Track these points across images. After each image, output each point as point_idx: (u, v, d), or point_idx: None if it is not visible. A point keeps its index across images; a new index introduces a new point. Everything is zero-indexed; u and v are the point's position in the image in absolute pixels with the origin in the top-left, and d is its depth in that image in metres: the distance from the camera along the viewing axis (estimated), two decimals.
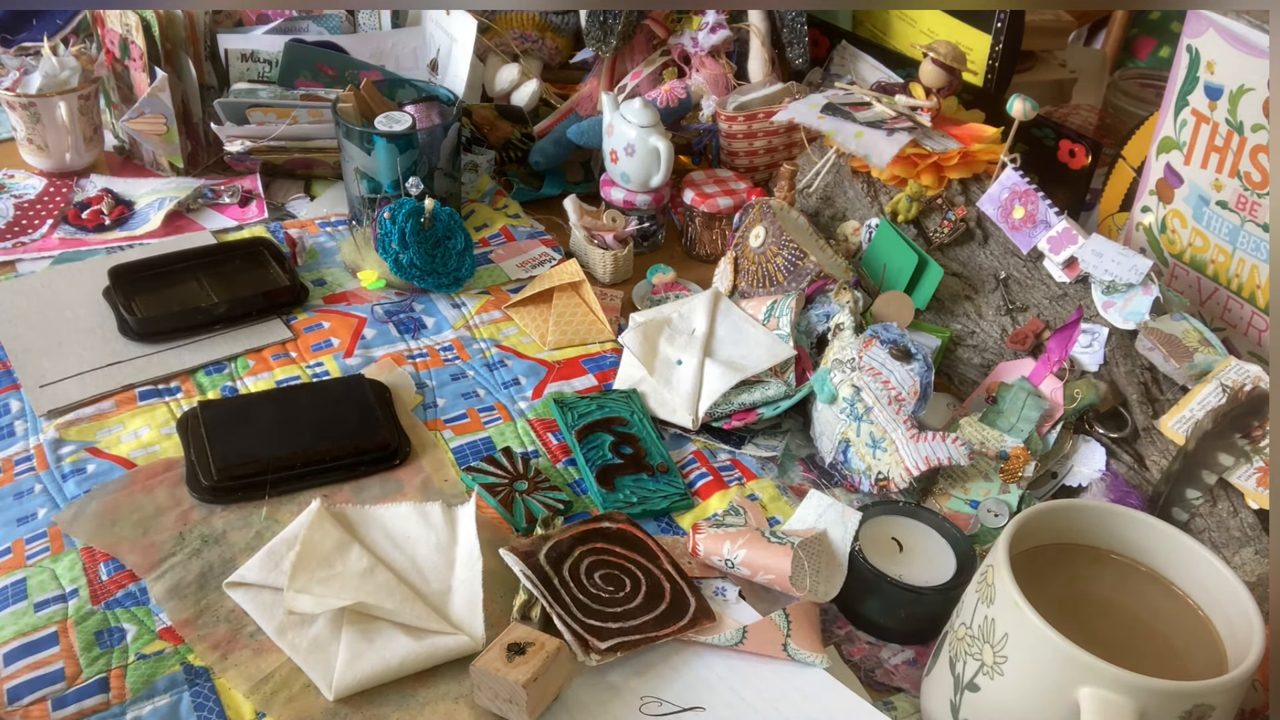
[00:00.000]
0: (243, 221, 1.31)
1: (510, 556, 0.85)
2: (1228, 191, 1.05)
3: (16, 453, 0.97)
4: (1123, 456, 0.98)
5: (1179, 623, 0.71)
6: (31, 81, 1.31)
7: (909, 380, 0.96)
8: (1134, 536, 0.73)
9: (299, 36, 1.45)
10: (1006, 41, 1.38)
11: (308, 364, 1.10)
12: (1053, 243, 1.07)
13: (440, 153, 1.26)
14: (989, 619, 0.68)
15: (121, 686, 0.77)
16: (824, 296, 1.09)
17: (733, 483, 0.99)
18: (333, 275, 1.24)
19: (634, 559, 0.87)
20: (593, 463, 0.98)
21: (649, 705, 0.78)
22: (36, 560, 0.86)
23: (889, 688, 0.82)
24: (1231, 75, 1.03)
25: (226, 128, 1.33)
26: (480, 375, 1.11)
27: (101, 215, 1.29)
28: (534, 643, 0.76)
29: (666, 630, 0.81)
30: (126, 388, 1.04)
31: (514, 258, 1.29)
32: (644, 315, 1.13)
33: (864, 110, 1.21)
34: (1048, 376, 1.01)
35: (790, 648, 0.81)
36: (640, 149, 1.25)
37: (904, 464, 0.93)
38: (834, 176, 1.27)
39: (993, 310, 1.11)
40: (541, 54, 1.57)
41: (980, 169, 1.17)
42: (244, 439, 0.96)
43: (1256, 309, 1.06)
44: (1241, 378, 0.92)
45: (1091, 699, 0.62)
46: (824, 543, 0.87)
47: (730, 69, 1.44)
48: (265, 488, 0.92)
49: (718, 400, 1.03)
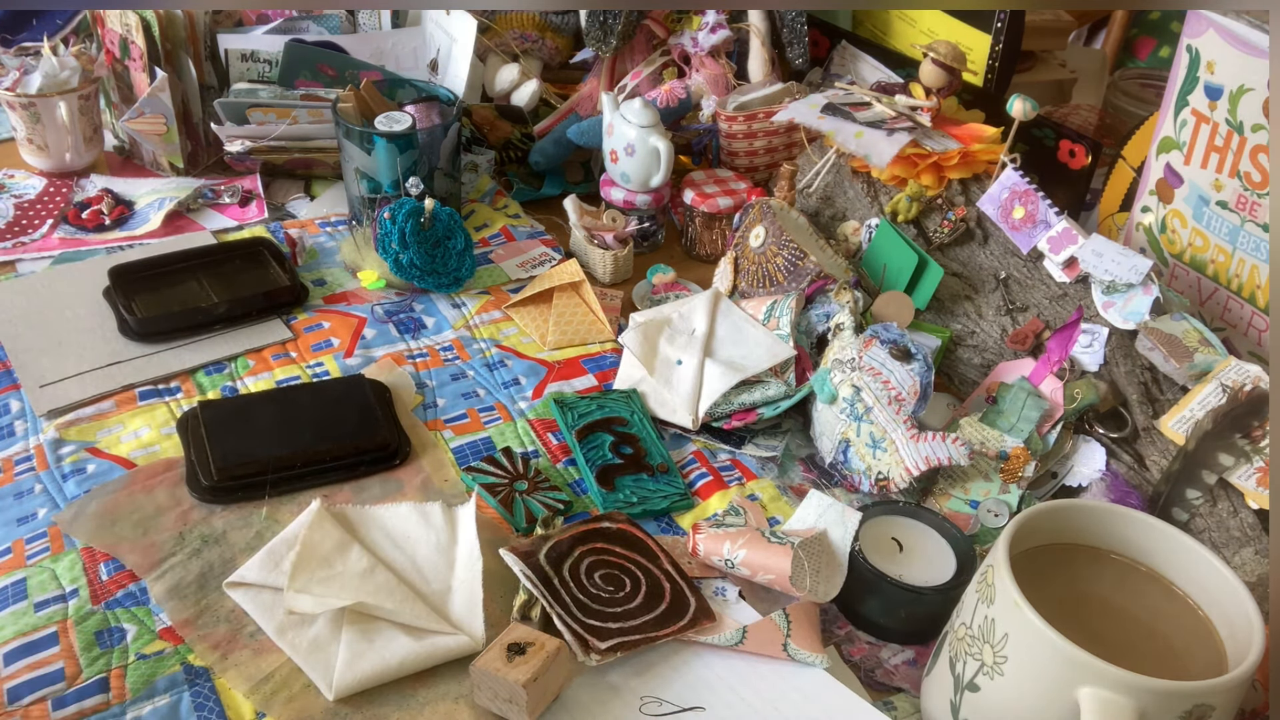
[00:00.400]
0: (243, 221, 1.31)
1: (510, 556, 0.85)
2: (1228, 191, 1.05)
3: (16, 453, 0.97)
4: (1123, 456, 0.98)
5: (1179, 623, 0.71)
6: (31, 81, 1.31)
7: (909, 380, 0.96)
8: (1134, 536, 0.73)
9: (299, 36, 1.45)
10: (1006, 41, 1.38)
11: (308, 364, 1.10)
12: (1053, 243, 1.07)
13: (440, 153, 1.26)
14: (989, 619, 0.68)
15: (121, 686, 0.77)
16: (824, 296, 1.09)
17: (733, 483, 0.99)
18: (333, 275, 1.24)
19: (634, 559, 0.87)
20: (593, 463, 0.98)
21: (649, 705, 0.78)
22: (36, 560, 0.86)
23: (889, 688, 0.82)
24: (1231, 75, 1.03)
25: (226, 128, 1.33)
26: (480, 375, 1.11)
27: (101, 215, 1.29)
28: (534, 643, 0.76)
29: (666, 630, 0.81)
30: (126, 388, 1.04)
31: (514, 258, 1.29)
32: (644, 315, 1.13)
33: (864, 110, 1.21)
34: (1048, 376, 1.01)
35: (790, 648, 0.81)
36: (640, 149, 1.25)
37: (904, 464, 0.93)
38: (834, 176, 1.27)
39: (993, 310, 1.11)
40: (541, 54, 1.57)
41: (980, 169, 1.17)
42: (244, 439, 0.96)
43: (1256, 309, 1.06)
44: (1241, 378, 0.92)
45: (1091, 699, 0.62)
46: (824, 543, 0.87)
47: (730, 69, 1.44)
48: (265, 488, 0.93)
49: (718, 400, 1.03)
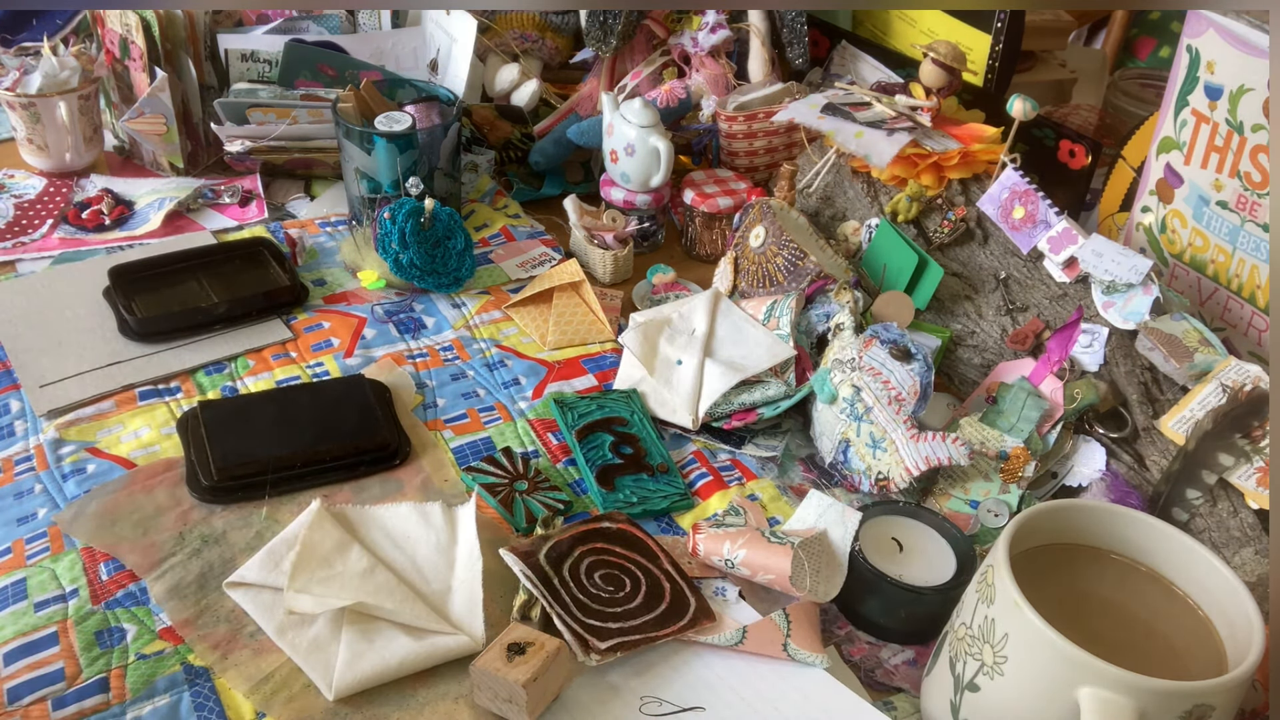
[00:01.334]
0: (243, 221, 1.31)
1: (510, 556, 0.85)
2: (1228, 191, 1.05)
3: (16, 453, 0.97)
4: (1123, 456, 0.98)
5: (1179, 623, 0.71)
6: (31, 81, 1.31)
7: (909, 380, 0.96)
8: (1134, 536, 0.73)
9: (299, 36, 1.45)
10: (1006, 41, 1.38)
11: (308, 364, 1.10)
12: (1053, 243, 1.07)
13: (440, 153, 1.26)
14: (989, 619, 0.68)
15: (121, 686, 0.77)
16: (824, 296, 1.09)
17: (733, 483, 0.99)
18: (333, 275, 1.24)
19: (634, 559, 0.87)
20: (593, 463, 0.98)
21: (649, 705, 0.78)
22: (36, 560, 0.86)
23: (889, 688, 0.82)
24: (1231, 75, 1.03)
25: (226, 128, 1.33)
26: (480, 375, 1.11)
27: (101, 215, 1.29)
28: (534, 643, 0.76)
29: (666, 630, 0.81)
30: (126, 388, 1.04)
31: (514, 258, 1.29)
32: (644, 315, 1.13)
33: (864, 110, 1.21)
34: (1048, 376, 1.01)
35: (790, 648, 0.81)
36: (640, 149, 1.25)
37: (904, 464, 0.93)
38: (834, 176, 1.27)
39: (993, 310, 1.11)
40: (541, 54, 1.57)
41: (980, 169, 1.17)
42: (244, 439, 0.96)
43: (1256, 309, 1.06)
44: (1241, 378, 0.92)
45: (1091, 699, 0.62)
46: (824, 543, 0.87)
47: (730, 69, 1.44)
48: (265, 487, 0.93)
49: (718, 400, 1.03)
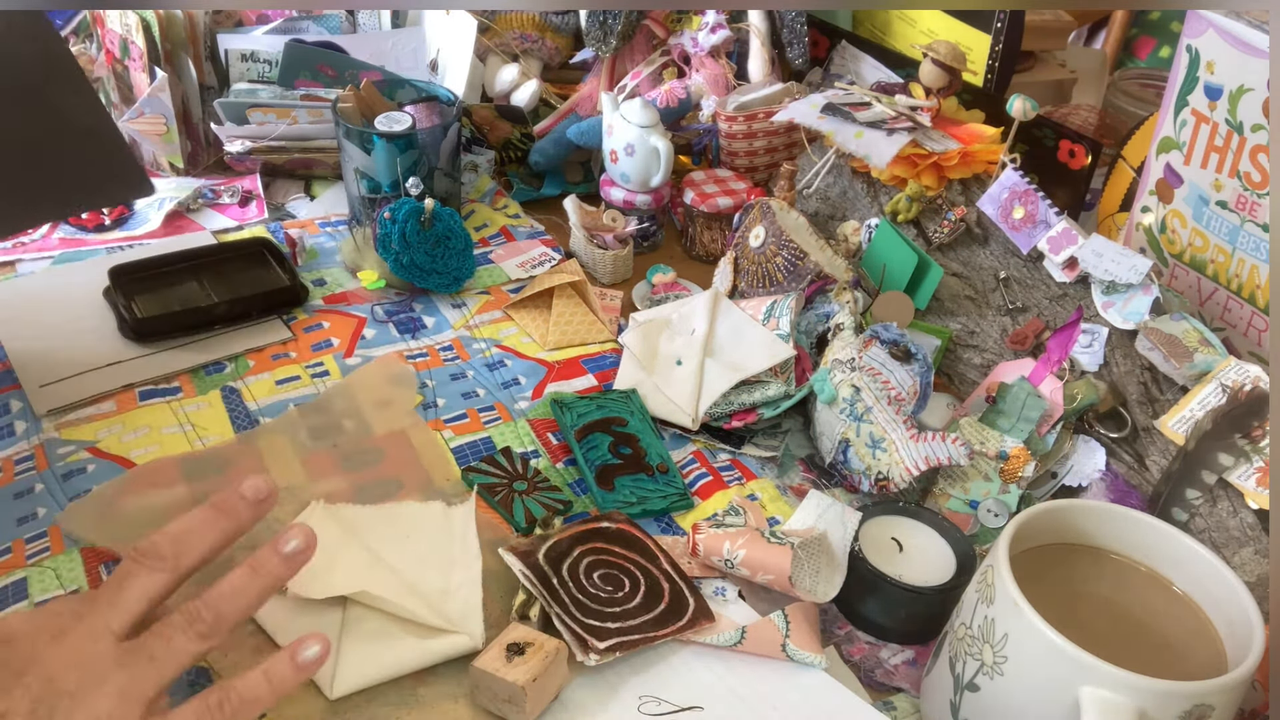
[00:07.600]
0: (243, 221, 1.31)
1: (510, 556, 0.85)
2: (1228, 191, 1.05)
3: (16, 453, 0.97)
4: (1123, 456, 0.98)
5: (1179, 623, 0.71)
6: None
7: (909, 380, 0.96)
8: (1134, 536, 0.73)
9: (299, 36, 1.45)
10: (1006, 41, 1.38)
11: (308, 364, 1.10)
12: (1053, 243, 1.07)
13: (440, 153, 1.26)
14: (989, 619, 0.68)
15: None
16: (824, 296, 1.09)
17: (733, 483, 0.99)
18: (333, 275, 1.24)
19: (633, 559, 0.87)
20: (592, 463, 0.98)
21: (647, 705, 0.78)
22: (36, 560, 0.86)
23: (889, 688, 0.82)
24: (1231, 75, 1.03)
25: (227, 128, 1.33)
26: (480, 375, 1.11)
27: (101, 215, 1.29)
28: (533, 643, 0.76)
29: (666, 630, 0.81)
30: (126, 388, 1.04)
31: (514, 258, 1.29)
32: (644, 315, 1.13)
33: (864, 110, 1.21)
34: (1048, 376, 1.01)
35: (789, 648, 0.81)
36: (640, 149, 1.25)
37: (904, 464, 0.93)
38: (834, 176, 1.27)
39: (993, 310, 1.11)
40: (541, 54, 1.57)
41: (980, 169, 1.17)
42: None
43: (1256, 309, 1.06)
44: (1241, 378, 0.92)
45: (1091, 699, 0.62)
46: (824, 543, 0.87)
47: (730, 69, 1.44)
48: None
49: (717, 400, 1.03)
